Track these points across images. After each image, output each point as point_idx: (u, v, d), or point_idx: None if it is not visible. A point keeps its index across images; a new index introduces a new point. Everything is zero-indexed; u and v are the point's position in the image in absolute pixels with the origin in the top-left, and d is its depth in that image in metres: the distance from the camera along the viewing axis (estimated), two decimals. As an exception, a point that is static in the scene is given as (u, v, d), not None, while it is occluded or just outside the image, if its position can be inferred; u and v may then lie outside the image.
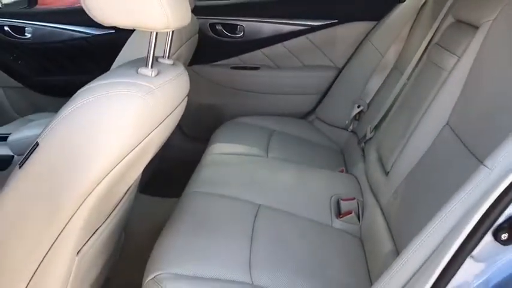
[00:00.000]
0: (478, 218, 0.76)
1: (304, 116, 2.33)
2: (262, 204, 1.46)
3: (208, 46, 2.27)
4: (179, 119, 1.28)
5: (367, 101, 2.05)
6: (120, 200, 1.22)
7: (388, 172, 1.47)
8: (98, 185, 0.94)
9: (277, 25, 2.25)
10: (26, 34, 2.29)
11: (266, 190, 1.54)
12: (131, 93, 0.95)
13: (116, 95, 0.94)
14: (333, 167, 1.84)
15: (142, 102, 0.96)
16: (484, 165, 0.83)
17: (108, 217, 1.17)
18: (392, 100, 1.76)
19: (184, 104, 1.27)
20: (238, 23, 2.26)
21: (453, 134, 1.27)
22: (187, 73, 1.26)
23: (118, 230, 1.33)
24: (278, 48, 2.27)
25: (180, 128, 2.39)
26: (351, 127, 2.10)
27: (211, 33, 2.27)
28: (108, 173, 0.95)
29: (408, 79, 1.71)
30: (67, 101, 0.97)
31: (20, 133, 1.68)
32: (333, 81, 2.24)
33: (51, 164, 0.93)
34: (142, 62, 1.06)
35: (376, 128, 1.80)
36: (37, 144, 0.93)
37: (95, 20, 0.98)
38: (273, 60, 2.30)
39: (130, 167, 1.03)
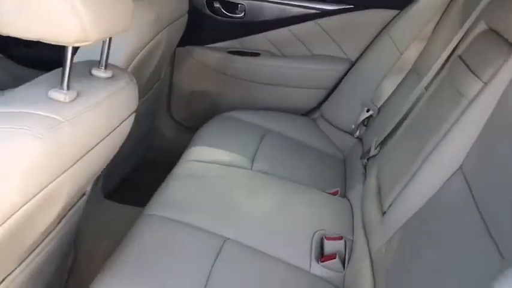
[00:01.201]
0: None
1: (308, 112, 2.06)
2: (230, 238, 1.22)
3: (203, 25, 2.00)
4: (119, 145, 1.04)
5: (378, 105, 1.76)
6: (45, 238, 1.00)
7: (385, 212, 1.21)
8: None
9: (283, 6, 1.94)
10: None
11: (239, 219, 1.30)
12: (23, 131, 0.71)
13: (1, 133, 0.70)
14: (327, 184, 1.58)
15: (40, 143, 0.72)
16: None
17: (23, 261, 0.96)
18: (405, 112, 1.47)
19: (126, 126, 1.02)
20: (239, 1, 1.96)
21: (466, 185, 0.99)
22: (134, 85, 1.01)
23: (48, 267, 1.12)
24: (283, 33, 1.97)
25: (170, 115, 2.15)
26: (357, 133, 1.83)
27: (207, 11, 1.99)
28: None
29: (426, 89, 1.41)
30: None
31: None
32: (343, 76, 1.95)
33: None
34: (78, 69, 0.82)
35: (382, 144, 1.52)
36: None
37: None
38: (277, 47, 2.01)
39: (35, 216, 0.80)
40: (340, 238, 1.27)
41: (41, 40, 0.76)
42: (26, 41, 0.77)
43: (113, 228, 1.48)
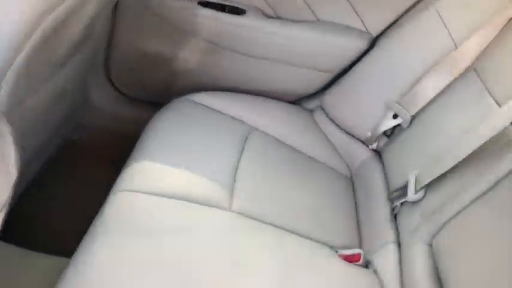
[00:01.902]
0: None
1: (301, 99, 1.50)
2: None
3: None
4: None
5: (412, 113, 1.23)
6: None
7: None
8: None
9: None
10: None
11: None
12: None
13: None
14: (336, 230, 1.07)
15: None
16: None
17: None
18: (473, 150, 0.95)
19: None
20: None
21: None
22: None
23: None
24: (282, -15, 1.38)
25: (110, 82, 1.53)
26: (374, 144, 1.31)
27: None
28: None
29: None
30: None
31: None
32: (360, 57, 1.39)
33: None
34: None
35: (430, 187, 1.01)
36: None
37: None
38: (270, 4, 1.40)
39: None
40: None
41: None
42: None
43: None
